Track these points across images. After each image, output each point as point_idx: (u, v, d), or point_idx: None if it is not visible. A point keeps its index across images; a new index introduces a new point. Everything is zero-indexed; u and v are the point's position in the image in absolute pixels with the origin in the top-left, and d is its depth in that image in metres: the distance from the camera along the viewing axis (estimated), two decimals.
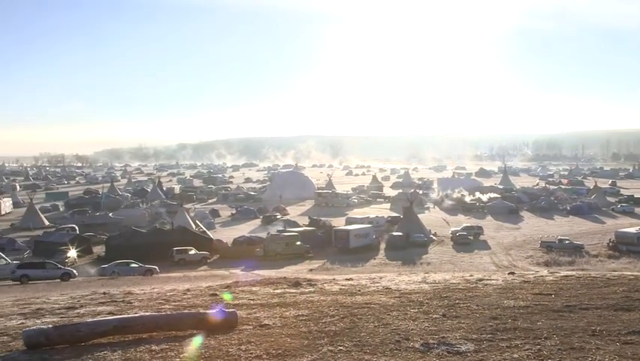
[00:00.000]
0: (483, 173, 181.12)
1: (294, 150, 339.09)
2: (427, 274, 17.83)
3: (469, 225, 70.36)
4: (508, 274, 17.27)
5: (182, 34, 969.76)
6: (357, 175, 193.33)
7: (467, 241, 62.77)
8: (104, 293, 16.31)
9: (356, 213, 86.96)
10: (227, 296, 12.88)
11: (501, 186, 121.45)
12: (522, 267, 46.42)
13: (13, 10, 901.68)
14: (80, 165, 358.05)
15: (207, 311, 9.09)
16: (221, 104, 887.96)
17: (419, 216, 72.73)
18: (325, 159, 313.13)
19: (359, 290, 12.95)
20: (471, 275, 16.72)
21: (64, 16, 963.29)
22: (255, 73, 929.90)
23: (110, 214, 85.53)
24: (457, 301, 10.56)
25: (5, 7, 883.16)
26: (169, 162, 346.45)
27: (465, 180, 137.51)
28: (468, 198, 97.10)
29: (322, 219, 76.40)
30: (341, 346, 7.39)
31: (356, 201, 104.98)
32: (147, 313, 9.54)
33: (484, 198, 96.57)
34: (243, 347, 7.41)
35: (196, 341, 7.80)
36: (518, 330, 8.13)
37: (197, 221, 75.33)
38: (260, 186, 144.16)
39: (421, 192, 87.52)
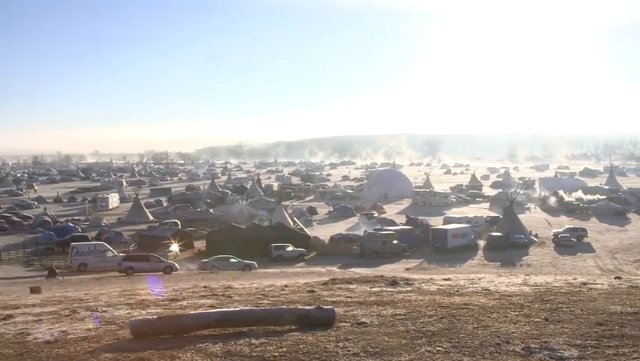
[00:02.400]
0: (588, 173, 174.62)
1: (386, 148, 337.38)
2: (527, 276, 17.36)
3: (572, 226, 68.11)
4: (615, 278, 16.55)
5: (281, 35, 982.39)
6: (455, 174, 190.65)
7: (570, 243, 60.76)
8: (205, 287, 16.72)
9: (454, 212, 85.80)
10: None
11: (607, 187, 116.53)
12: (629, 271, 44.38)
13: (118, 11, 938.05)
14: (182, 162, 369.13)
15: (305, 307, 9.18)
16: (316, 103, 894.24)
17: (519, 216, 70.85)
18: (416, 156, 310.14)
19: (457, 291, 12.75)
20: (574, 278, 16.15)
21: (165, 16, 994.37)
22: (346, 72, 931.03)
23: (211, 210, 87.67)
24: (559, 305, 10.22)
25: (111, 11, 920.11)
26: (266, 159, 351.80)
27: (568, 180, 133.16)
28: (571, 199, 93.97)
29: (420, 218, 75.74)
30: (439, 347, 7.30)
31: (454, 200, 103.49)
32: (247, 308, 9.72)
33: (587, 198, 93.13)
34: (340, 344, 7.44)
35: (294, 337, 7.90)
36: (626, 337, 7.78)
37: (294, 218, 76.17)
38: (357, 184, 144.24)
39: (521, 191, 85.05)
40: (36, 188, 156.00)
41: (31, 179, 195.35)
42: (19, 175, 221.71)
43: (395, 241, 59.27)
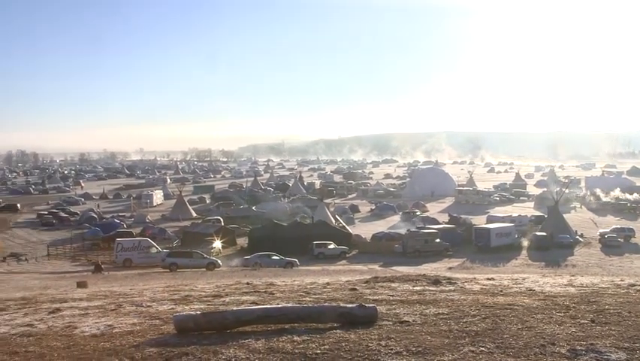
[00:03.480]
0: (636, 171, 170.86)
1: (425, 145, 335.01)
2: (573, 277, 17.05)
3: (619, 226, 66.74)
4: None
5: (323, 33, 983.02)
6: (499, 172, 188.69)
7: (617, 244, 59.59)
8: (248, 283, 16.82)
9: (497, 211, 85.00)
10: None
11: None
12: None
13: (161, 12, 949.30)
14: (225, 159, 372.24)
15: (347, 305, 9.17)
16: (357, 101, 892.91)
17: (564, 216, 69.73)
18: (457, 154, 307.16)
19: (501, 291, 12.60)
20: (622, 280, 15.79)
21: (208, 14, 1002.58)
22: (387, 70, 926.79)
23: (253, 207, 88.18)
24: (606, 307, 10.02)
25: (155, 11, 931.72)
26: (306, 157, 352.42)
27: (615, 179, 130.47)
28: (618, 199, 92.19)
29: (462, 216, 75.15)
30: (483, 347, 7.22)
31: (498, 199, 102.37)
32: (289, 305, 9.76)
33: (633, 198, 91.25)
34: (382, 343, 7.41)
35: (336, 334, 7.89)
36: None
37: (336, 216, 76.21)
38: (399, 182, 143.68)
39: (566, 190, 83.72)
40: (83, 185, 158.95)
41: (78, 176, 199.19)
42: (66, 172, 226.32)
43: (437, 240, 58.91)
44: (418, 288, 13.22)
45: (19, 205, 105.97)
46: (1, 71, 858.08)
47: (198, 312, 8.96)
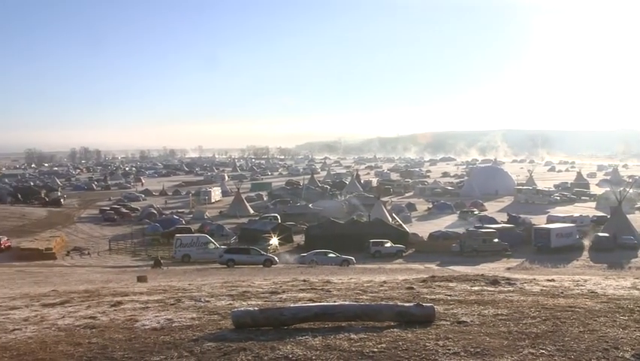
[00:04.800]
0: None
1: (481, 142, 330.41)
2: (637, 280, 16.55)
3: None
4: None
5: (378, 32, 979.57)
6: (560, 171, 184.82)
7: None
8: (304, 281, 16.85)
9: (558, 211, 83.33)
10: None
11: None
12: None
13: (222, 10, 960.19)
14: (282, 157, 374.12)
15: (405, 304, 9.12)
16: (414, 100, 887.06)
17: (628, 216, 67.85)
18: (512, 152, 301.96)
19: (562, 292, 12.32)
20: None
21: (264, 13, 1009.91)
22: (443, 69, 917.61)
23: (310, 205, 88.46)
24: None
25: (211, 11, 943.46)
26: (361, 155, 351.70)
27: None
28: None
29: (522, 216, 73.94)
30: (543, 349, 7.08)
31: (558, 198, 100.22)
32: (346, 303, 9.75)
33: None
34: (440, 343, 7.34)
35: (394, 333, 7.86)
36: None
37: (393, 214, 75.89)
38: (457, 180, 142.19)
39: (631, 190, 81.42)
40: (143, 181, 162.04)
41: (138, 173, 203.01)
42: (127, 169, 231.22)
43: (496, 240, 58.11)
44: (476, 288, 13.05)
45: (62, 200, 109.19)
46: (67, 72, 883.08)
47: (256, 308, 9.02)
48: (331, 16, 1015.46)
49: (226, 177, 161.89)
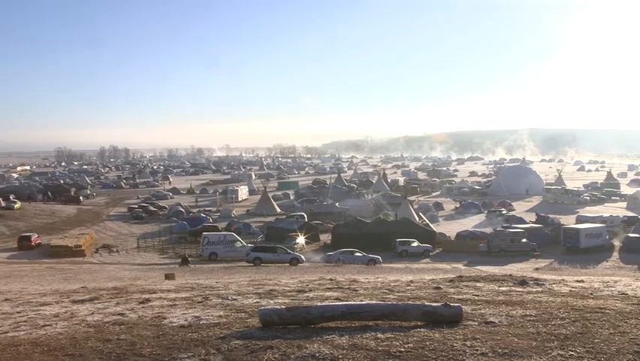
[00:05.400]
0: None
1: (507, 141, 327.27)
2: None
3: None
4: None
5: (408, 31, 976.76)
6: (589, 171, 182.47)
7: None
8: (331, 279, 16.87)
9: (588, 211, 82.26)
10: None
11: None
12: None
13: (249, 8, 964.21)
14: (309, 156, 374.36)
15: (432, 304, 9.08)
16: (441, 98, 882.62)
17: None
18: (539, 151, 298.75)
19: (591, 294, 12.18)
20: None
21: (296, 14, 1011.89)
22: (472, 67, 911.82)
23: (337, 204, 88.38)
24: None
25: (244, 7, 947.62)
26: (386, 154, 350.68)
27: None
28: None
29: (550, 216, 73.12)
30: (572, 351, 7.01)
31: (588, 198, 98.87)
32: (373, 302, 9.73)
33: None
34: (468, 343, 7.30)
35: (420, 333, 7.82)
36: None
37: (420, 213, 75.55)
38: (485, 180, 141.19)
39: None
40: (171, 180, 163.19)
41: (166, 171, 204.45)
42: (155, 167, 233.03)
43: (524, 240, 57.58)
44: (504, 288, 12.96)
45: (81, 198, 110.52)
46: (96, 72, 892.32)
47: (283, 307, 9.05)
48: (359, 15, 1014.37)
49: (253, 176, 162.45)
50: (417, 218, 71.09)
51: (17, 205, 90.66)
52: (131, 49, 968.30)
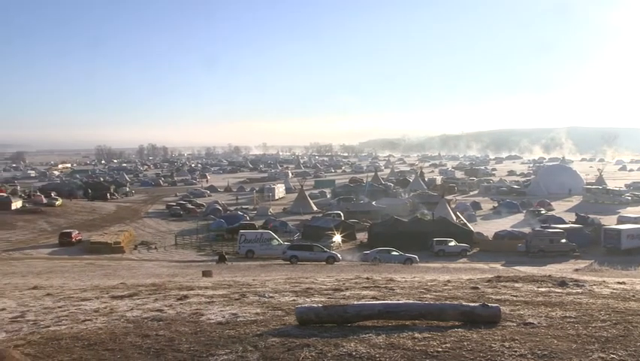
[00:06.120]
0: None
1: (545, 140, 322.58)
2: None
3: None
4: None
5: (448, 30, 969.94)
6: (631, 170, 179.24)
7: None
8: (367, 278, 16.83)
9: (629, 211, 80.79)
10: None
11: None
12: None
13: (286, 6, 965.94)
14: (345, 154, 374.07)
15: (470, 304, 9.00)
16: (478, 98, 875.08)
17: None
18: (577, 150, 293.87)
19: (633, 296, 11.94)
20: None
21: (333, 13, 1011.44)
22: (505, 68, 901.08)
23: (373, 203, 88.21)
24: None
25: (282, 6, 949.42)
26: (422, 152, 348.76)
27: None
28: None
29: (590, 216, 72.01)
30: (613, 354, 6.88)
31: (630, 198, 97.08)
32: (410, 301, 9.68)
33: None
34: (506, 344, 7.22)
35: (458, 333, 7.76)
36: None
37: (458, 213, 75.03)
38: (524, 179, 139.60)
39: None
40: (208, 178, 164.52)
41: (204, 169, 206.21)
42: (193, 165, 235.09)
43: (563, 240, 56.82)
44: (542, 289, 12.78)
45: (108, 195, 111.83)
46: (135, 72, 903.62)
47: (319, 305, 9.05)
48: (398, 13, 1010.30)
49: (290, 174, 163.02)
50: (454, 217, 70.62)
51: (58, 202, 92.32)
52: (170, 49, 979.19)
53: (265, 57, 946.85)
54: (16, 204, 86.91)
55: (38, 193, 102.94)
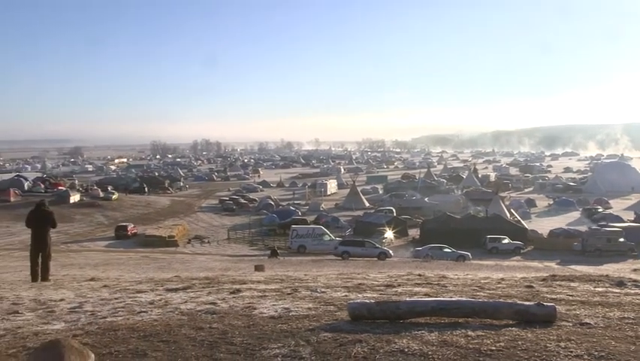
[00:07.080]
0: None
1: (600, 136, 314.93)
2: None
3: None
4: None
5: (494, 27, 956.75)
6: None
7: None
8: (419, 275, 16.70)
9: None
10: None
11: None
12: None
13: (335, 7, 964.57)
14: (398, 150, 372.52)
15: (524, 303, 8.86)
16: (530, 93, 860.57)
17: None
18: (633, 147, 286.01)
19: None
20: None
21: (384, 11, 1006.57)
22: (560, 63, 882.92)
23: (426, 199, 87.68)
24: None
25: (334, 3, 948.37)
26: (476, 148, 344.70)
27: None
28: None
29: None
30: None
31: None
32: (463, 299, 9.58)
33: None
34: (562, 344, 7.08)
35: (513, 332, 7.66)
36: None
37: (512, 210, 74.10)
38: (580, 176, 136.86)
39: None
40: (261, 173, 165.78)
41: (256, 164, 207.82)
42: (246, 161, 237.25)
43: (621, 239, 55.55)
44: (599, 289, 12.50)
45: (146, 188, 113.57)
46: (190, 69, 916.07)
47: (372, 300, 9.02)
48: (450, 9, 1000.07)
49: (342, 170, 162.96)
50: (508, 215, 69.76)
51: (115, 196, 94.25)
52: (223, 46, 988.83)
53: (319, 56, 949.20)
54: (74, 197, 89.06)
55: (95, 187, 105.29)
